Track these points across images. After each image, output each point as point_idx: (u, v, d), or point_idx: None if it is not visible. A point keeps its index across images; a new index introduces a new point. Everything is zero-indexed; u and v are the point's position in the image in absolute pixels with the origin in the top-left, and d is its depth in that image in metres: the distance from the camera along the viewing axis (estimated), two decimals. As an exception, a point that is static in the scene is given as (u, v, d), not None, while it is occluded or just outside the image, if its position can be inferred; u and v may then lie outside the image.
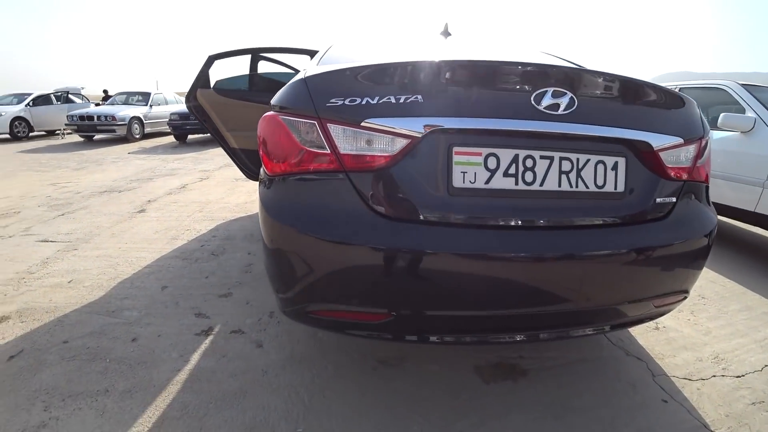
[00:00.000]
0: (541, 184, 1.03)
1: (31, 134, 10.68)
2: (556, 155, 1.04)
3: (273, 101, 1.14)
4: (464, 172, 1.00)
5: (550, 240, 1.02)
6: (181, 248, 2.61)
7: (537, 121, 1.00)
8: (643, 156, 1.12)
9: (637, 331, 1.76)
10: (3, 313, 1.82)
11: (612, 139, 1.08)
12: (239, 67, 3.47)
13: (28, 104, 10.48)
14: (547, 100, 1.00)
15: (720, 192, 2.90)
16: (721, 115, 2.86)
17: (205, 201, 3.86)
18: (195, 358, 1.49)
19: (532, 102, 1.00)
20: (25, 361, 1.48)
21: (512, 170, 1.02)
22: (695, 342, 1.71)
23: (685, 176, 1.18)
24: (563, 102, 1.01)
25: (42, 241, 2.77)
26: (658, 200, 1.13)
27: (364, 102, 0.97)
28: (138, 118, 9.61)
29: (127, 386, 1.34)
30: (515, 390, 1.35)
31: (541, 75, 1.03)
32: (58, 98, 11.27)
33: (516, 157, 1.02)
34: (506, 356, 1.51)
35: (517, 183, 1.02)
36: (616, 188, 1.09)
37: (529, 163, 1.03)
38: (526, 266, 1.00)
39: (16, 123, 10.11)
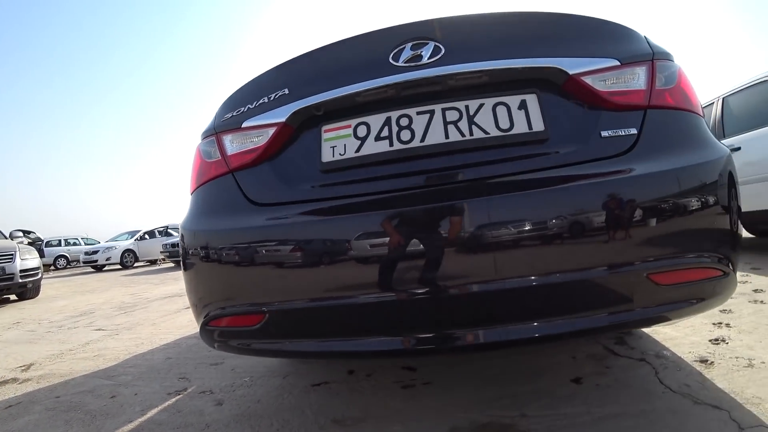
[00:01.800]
0: (423, 140, 1.03)
1: (136, 264, 13.57)
2: (437, 107, 1.05)
3: None
4: (334, 147, 1.09)
5: (452, 198, 0.98)
6: (205, 332, 2.90)
7: (394, 75, 1.05)
8: (564, 86, 1.06)
9: (716, 372, 1.40)
10: (27, 377, 2.21)
11: (507, 72, 1.05)
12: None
13: (137, 239, 13.72)
14: (406, 54, 1.07)
15: None
16: None
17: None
18: (152, 412, 1.58)
19: (390, 60, 1.08)
20: (15, 410, 1.74)
21: (385, 133, 1.05)
22: None
23: (642, 102, 1.07)
24: (426, 52, 1.07)
25: (95, 330, 3.37)
26: (606, 134, 1.02)
27: (245, 109, 1.22)
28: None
29: (76, 432, 1.48)
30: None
31: (395, 33, 1.12)
32: (160, 233, 14.49)
33: (388, 119, 1.07)
34: (499, 414, 1.26)
35: (391, 144, 1.04)
36: (531, 128, 1.03)
37: (404, 121, 1.05)
38: (414, 235, 0.95)
39: (125, 254, 13.15)
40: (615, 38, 1.13)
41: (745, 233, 5.38)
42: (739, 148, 3.45)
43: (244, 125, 1.20)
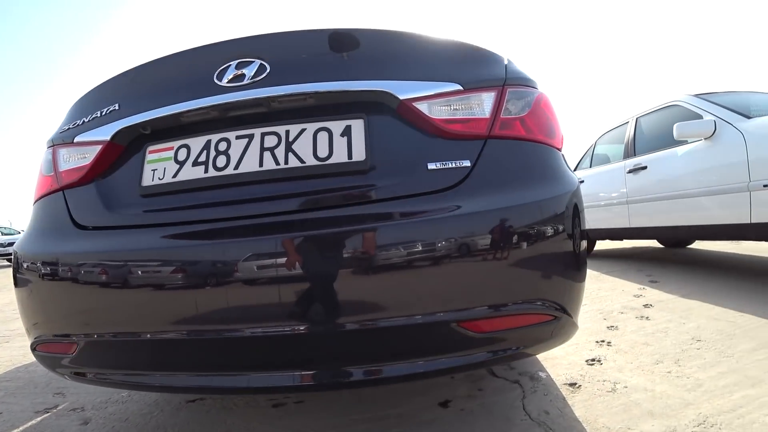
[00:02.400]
0: (236, 167, 1.00)
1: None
2: (257, 131, 1.02)
3: None
4: (154, 170, 1.07)
5: (258, 232, 0.94)
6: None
7: (214, 96, 1.02)
8: (397, 112, 1.02)
9: (580, 397, 1.46)
10: None
11: (333, 96, 1.02)
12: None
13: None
14: (230, 74, 1.04)
15: (709, 213, 3.00)
16: (674, 126, 3.08)
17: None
18: (9, 435, 1.51)
19: (215, 80, 1.05)
20: None
21: (203, 158, 1.03)
22: (672, 403, 1.36)
23: (483, 132, 1.01)
24: (250, 71, 1.03)
25: (-13, 335, 3.15)
26: (434, 166, 0.97)
27: (81, 122, 1.18)
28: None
29: None
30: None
31: (223, 51, 1.09)
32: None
33: (208, 143, 1.04)
34: None
35: (206, 170, 1.02)
36: (351, 157, 0.98)
37: (222, 146, 1.03)
38: (225, 272, 0.90)
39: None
40: (464, 61, 1.09)
41: (655, 243, 5.80)
42: (645, 167, 3.72)
43: (76, 140, 1.16)
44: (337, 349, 0.95)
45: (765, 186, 2.50)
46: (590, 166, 4.91)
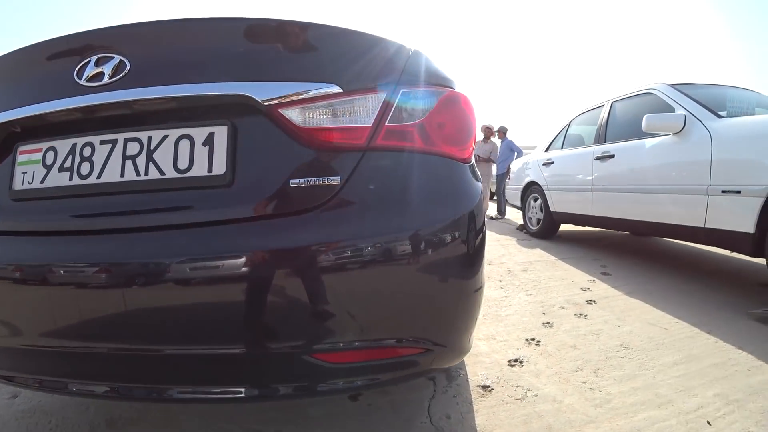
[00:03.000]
0: (99, 176, 0.94)
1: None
2: (121, 137, 0.95)
3: None
4: (24, 173, 1.02)
5: (117, 249, 0.89)
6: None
7: (71, 98, 0.94)
8: (266, 118, 0.91)
9: (487, 402, 1.45)
10: None
11: (193, 100, 0.92)
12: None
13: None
14: (89, 71, 0.95)
15: (665, 210, 2.95)
16: (644, 118, 2.94)
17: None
18: (-63, 407, 1.55)
19: (75, 77, 0.96)
20: None
21: (68, 163, 0.97)
22: (574, 419, 1.35)
23: (361, 143, 0.91)
24: (108, 68, 0.94)
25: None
26: (297, 183, 0.87)
27: None
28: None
29: None
30: None
31: (83, 44, 0.98)
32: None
33: (74, 146, 0.98)
34: (255, 429, 1.32)
35: (71, 178, 0.96)
36: (211, 170, 0.89)
37: (87, 151, 0.96)
38: (76, 285, 0.89)
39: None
40: (350, 56, 0.95)
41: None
42: (613, 156, 3.62)
43: None
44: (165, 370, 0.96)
45: (723, 192, 2.45)
46: (562, 147, 4.77)
